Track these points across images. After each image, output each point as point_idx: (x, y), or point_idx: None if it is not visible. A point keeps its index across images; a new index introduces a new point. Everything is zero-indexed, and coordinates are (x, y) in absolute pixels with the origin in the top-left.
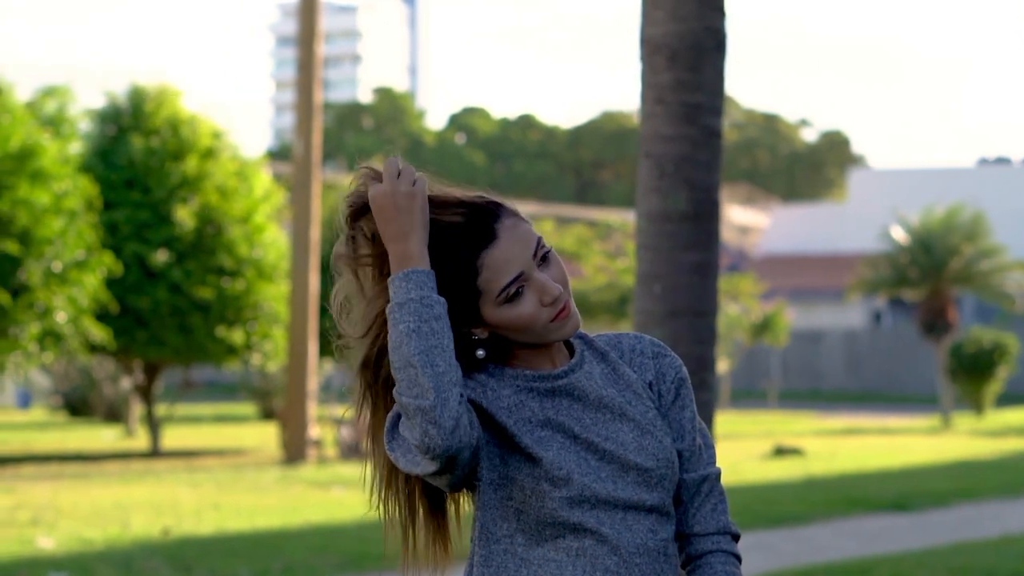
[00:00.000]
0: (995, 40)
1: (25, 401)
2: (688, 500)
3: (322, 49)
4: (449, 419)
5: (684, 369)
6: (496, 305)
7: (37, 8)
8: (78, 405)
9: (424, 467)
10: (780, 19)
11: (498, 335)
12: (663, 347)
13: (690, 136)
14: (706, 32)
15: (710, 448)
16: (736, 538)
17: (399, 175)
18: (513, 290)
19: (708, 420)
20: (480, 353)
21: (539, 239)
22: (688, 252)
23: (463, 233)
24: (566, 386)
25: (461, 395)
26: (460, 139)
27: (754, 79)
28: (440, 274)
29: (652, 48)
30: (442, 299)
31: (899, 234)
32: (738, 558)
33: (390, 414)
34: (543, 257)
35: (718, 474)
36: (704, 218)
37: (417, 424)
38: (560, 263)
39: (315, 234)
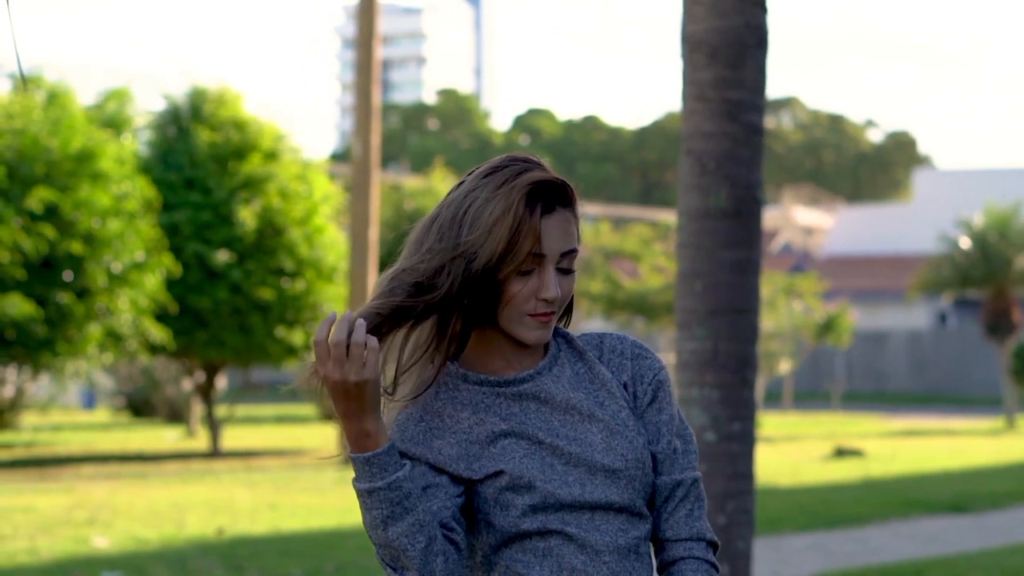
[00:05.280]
0: None
1: (89, 402)
2: (661, 504)
3: (380, 51)
4: None
5: (664, 372)
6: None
7: (99, 9)
8: (141, 406)
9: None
10: (846, 19)
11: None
12: (645, 349)
13: (731, 133)
14: (747, 28)
15: (690, 453)
16: (713, 545)
17: (347, 355)
18: (525, 259)
19: (749, 419)
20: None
21: (575, 249)
22: (729, 250)
23: (540, 195)
24: (532, 390)
25: (445, 556)
26: (524, 140)
27: (820, 80)
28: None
29: (693, 45)
30: (409, 475)
31: (959, 236)
32: (714, 566)
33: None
34: (565, 266)
35: (695, 479)
36: (745, 215)
37: None
38: (573, 284)
39: (373, 235)
